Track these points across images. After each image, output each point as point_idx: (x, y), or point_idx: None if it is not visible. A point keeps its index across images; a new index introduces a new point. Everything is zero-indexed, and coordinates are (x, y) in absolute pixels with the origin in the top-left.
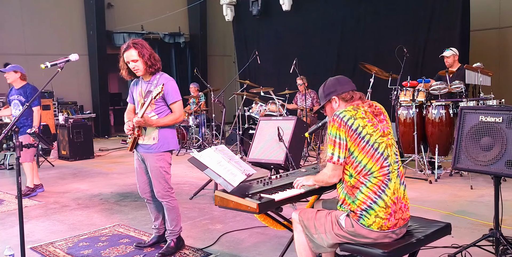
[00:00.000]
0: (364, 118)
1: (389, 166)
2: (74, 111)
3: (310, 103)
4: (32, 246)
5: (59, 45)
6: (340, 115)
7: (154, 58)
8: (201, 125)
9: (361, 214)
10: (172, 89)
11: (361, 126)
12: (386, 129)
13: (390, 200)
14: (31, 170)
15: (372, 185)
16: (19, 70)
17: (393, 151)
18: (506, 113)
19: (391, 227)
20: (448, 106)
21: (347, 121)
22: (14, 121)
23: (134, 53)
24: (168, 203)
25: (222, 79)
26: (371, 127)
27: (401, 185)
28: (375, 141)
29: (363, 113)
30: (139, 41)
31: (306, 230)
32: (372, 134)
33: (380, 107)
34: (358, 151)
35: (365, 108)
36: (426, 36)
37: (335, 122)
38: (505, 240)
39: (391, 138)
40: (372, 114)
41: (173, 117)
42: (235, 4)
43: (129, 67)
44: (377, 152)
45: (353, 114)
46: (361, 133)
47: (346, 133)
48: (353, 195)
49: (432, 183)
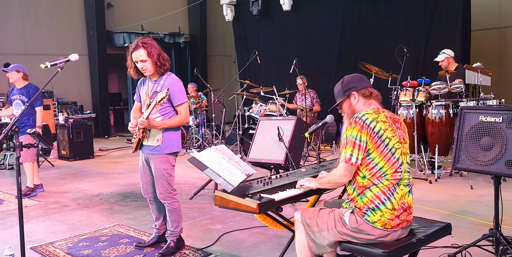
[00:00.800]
0: (385, 122)
1: (401, 172)
2: (74, 111)
3: (310, 103)
4: (32, 246)
5: (59, 45)
6: (363, 118)
7: (163, 58)
8: (201, 125)
9: (366, 210)
10: (178, 91)
11: (382, 129)
12: (403, 137)
13: (398, 204)
14: (32, 170)
15: (383, 186)
16: (22, 69)
17: (407, 160)
18: (506, 113)
19: (394, 226)
20: (448, 106)
21: (370, 123)
22: (14, 120)
23: (143, 53)
24: (170, 204)
25: (222, 79)
26: (391, 132)
27: (410, 193)
28: (393, 146)
29: (384, 117)
30: (148, 41)
31: (308, 229)
32: (391, 138)
33: (398, 118)
34: (376, 153)
35: (385, 113)
36: (427, 36)
37: (357, 124)
38: (505, 240)
39: (407, 147)
40: (392, 120)
41: (179, 119)
42: (235, 4)
43: (137, 67)
44: (394, 157)
45: (375, 117)
46: (382, 136)
47: (367, 135)
48: (362, 193)
49: (432, 183)
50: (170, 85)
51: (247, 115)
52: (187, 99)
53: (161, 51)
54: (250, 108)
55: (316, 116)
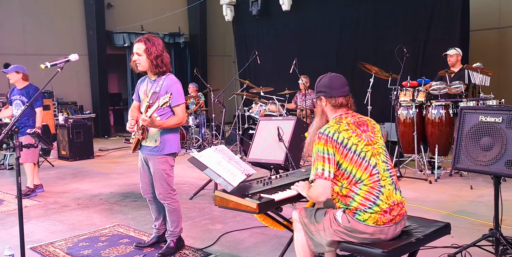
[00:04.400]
0: (347, 130)
1: (378, 174)
2: (74, 111)
3: (310, 103)
4: (32, 246)
5: (59, 45)
6: (325, 132)
7: (161, 60)
8: (201, 125)
9: (356, 210)
10: (177, 92)
11: (346, 138)
12: (371, 138)
13: (386, 204)
14: (32, 170)
15: (364, 192)
16: (21, 70)
17: (382, 159)
18: (506, 113)
19: (387, 222)
20: (448, 106)
21: (333, 136)
22: (14, 121)
23: (141, 47)
24: (169, 205)
25: (222, 79)
26: (356, 137)
27: (396, 190)
28: (362, 150)
29: (346, 125)
30: (153, 39)
31: (306, 229)
32: (357, 144)
33: (366, 119)
34: (346, 162)
35: (347, 119)
36: (426, 36)
37: (321, 139)
38: (505, 240)
39: (379, 147)
40: (355, 125)
41: (177, 119)
42: (235, 4)
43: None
44: (365, 160)
45: (337, 128)
46: (347, 145)
47: (333, 148)
48: (347, 203)
49: (432, 183)
50: (168, 86)
51: (247, 115)
52: (185, 100)
53: (164, 53)
54: (250, 108)
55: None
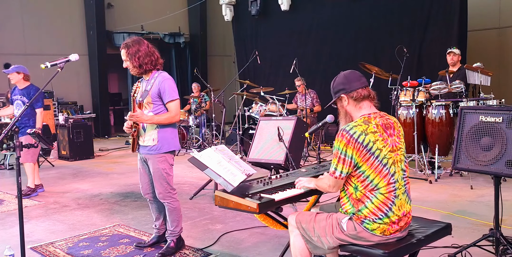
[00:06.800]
0: (375, 132)
1: (395, 183)
2: (74, 111)
3: (310, 103)
4: (32, 246)
5: (59, 45)
6: (350, 132)
7: (139, 58)
8: (201, 125)
9: (365, 219)
10: (169, 88)
11: (371, 141)
12: (396, 144)
13: (396, 216)
14: (32, 170)
15: (378, 201)
16: (22, 71)
17: (401, 167)
18: (506, 113)
19: (393, 232)
20: (448, 106)
21: (358, 137)
22: (15, 121)
23: (124, 53)
24: (169, 204)
25: (222, 79)
26: (382, 142)
27: (409, 200)
28: (384, 157)
29: (375, 126)
30: (130, 41)
31: (304, 233)
32: (382, 149)
33: (393, 121)
34: (366, 166)
35: (376, 120)
36: (423, 36)
37: (344, 138)
38: (505, 240)
39: (401, 153)
40: (383, 128)
41: (168, 116)
42: (234, 4)
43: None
44: (385, 168)
45: (364, 129)
46: (372, 149)
47: (354, 150)
48: (357, 208)
49: (432, 183)
50: (160, 83)
51: (247, 115)
52: (178, 97)
53: (144, 52)
54: (250, 108)
55: (316, 117)
